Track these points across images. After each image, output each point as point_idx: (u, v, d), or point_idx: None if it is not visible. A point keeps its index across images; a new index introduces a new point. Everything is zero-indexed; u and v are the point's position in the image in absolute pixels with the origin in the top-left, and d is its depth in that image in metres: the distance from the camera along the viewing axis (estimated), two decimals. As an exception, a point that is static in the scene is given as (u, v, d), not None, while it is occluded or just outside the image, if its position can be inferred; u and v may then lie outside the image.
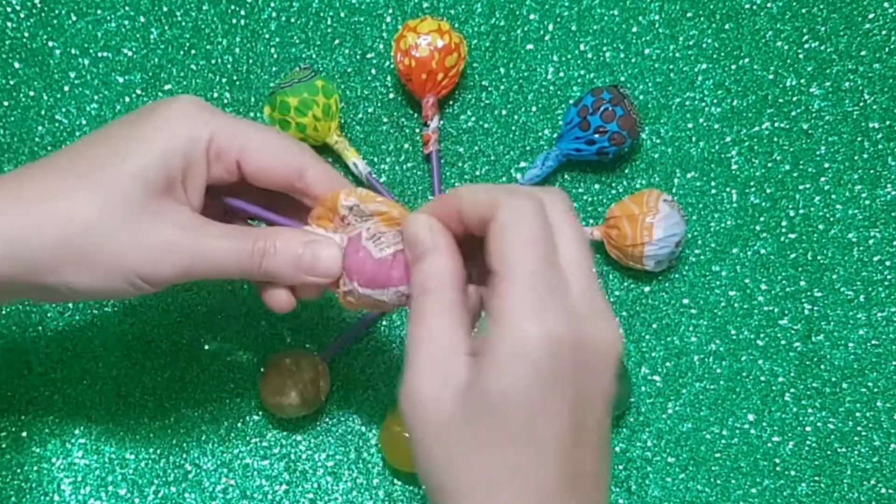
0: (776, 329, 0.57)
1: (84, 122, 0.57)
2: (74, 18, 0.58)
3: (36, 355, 0.55)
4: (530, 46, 0.59)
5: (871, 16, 0.60)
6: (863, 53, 0.60)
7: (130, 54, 0.58)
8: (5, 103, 0.57)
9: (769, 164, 0.58)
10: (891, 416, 0.56)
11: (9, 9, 0.58)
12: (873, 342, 0.57)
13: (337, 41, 0.59)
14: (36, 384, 0.55)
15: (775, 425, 0.56)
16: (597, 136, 0.54)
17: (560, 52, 0.59)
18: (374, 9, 0.59)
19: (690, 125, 0.59)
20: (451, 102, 0.58)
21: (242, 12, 0.59)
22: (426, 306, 0.37)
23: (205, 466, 0.54)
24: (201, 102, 0.41)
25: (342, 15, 0.59)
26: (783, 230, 0.58)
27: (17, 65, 0.58)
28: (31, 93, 0.57)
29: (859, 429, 0.56)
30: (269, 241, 0.41)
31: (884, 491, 0.55)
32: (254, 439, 0.55)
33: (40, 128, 0.57)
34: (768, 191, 0.58)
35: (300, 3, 0.59)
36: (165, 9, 0.59)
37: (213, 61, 0.58)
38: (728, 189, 0.58)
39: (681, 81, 0.59)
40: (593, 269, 0.37)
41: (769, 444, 0.56)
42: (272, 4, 0.59)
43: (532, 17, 0.59)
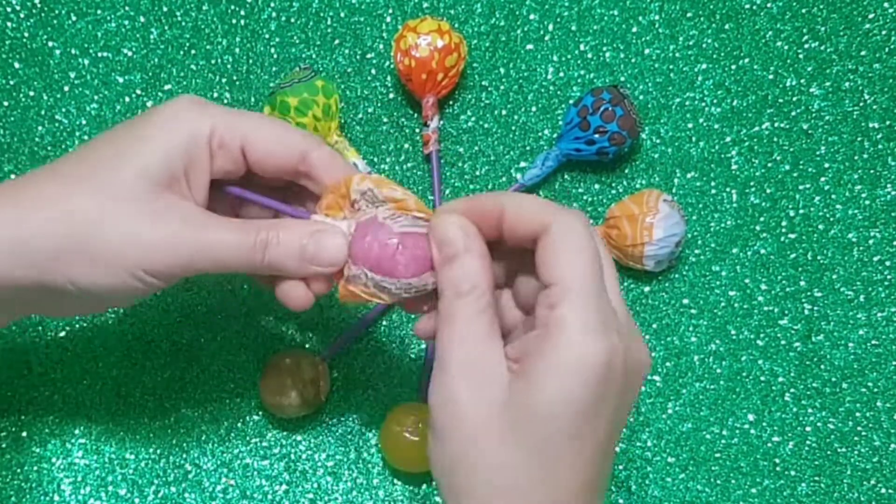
0: (776, 329, 0.57)
1: (84, 122, 0.57)
2: (74, 18, 0.58)
3: (36, 355, 0.55)
4: (530, 46, 0.59)
5: (871, 16, 0.60)
6: (863, 53, 0.60)
7: (130, 54, 0.58)
8: (5, 103, 0.57)
9: (769, 164, 0.58)
10: (891, 416, 0.56)
11: (9, 9, 0.58)
12: (873, 342, 0.57)
13: (337, 41, 0.59)
14: (36, 384, 0.55)
15: (775, 425, 0.56)
16: (597, 136, 0.54)
17: (560, 52, 0.59)
18: (374, 9, 0.59)
19: (690, 125, 0.59)
20: (451, 102, 0.58)
21: (242, 12, 0.59)
22: (460, 308, 0.37)
23: (205, 466, 0.54)
24: (201, 100, 0.42)
25: (342, 15, 0.59)
26: (783, 230, 0.58)
27: (17, 65, 0.58)
28: (31, 93, 0.57)
29: (859, 429, 0.56)
30: (272, 232, 0.40)
31: (884, 491, 0.55)
32: (254, 439, 0.55)
33: (40, 128, 0.57)
34: (768, 191, 0.58)
35: (300, 3, 0.59)
36: (165, 9, 0.59)
37: (213, 61, 0.58)
38: (728, 189, 0.58)
39: (681, 81, 0.59)
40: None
41: (769, 444, 0.56)
42: (272, 4, 0.59)
43: (532, 17, 0.59)
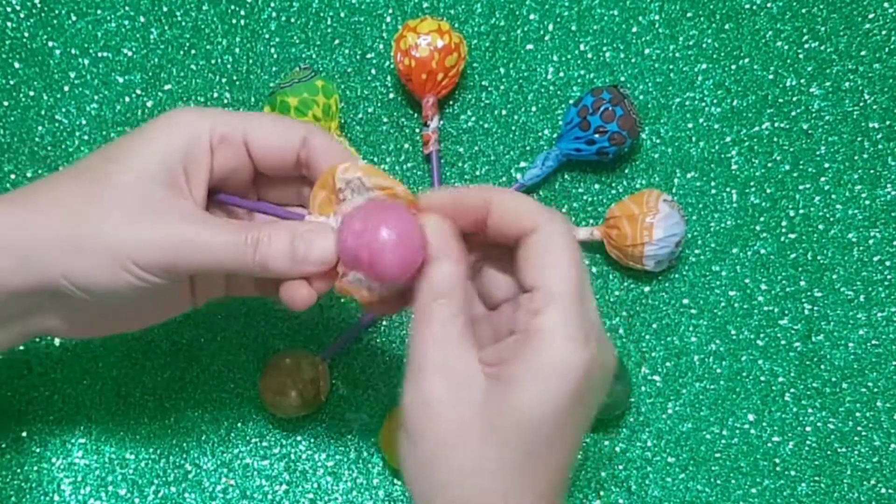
0: (776, 329, 0.57)
1: (84, 122, 0.57)
2: (74, 18, 0.58)
3: (36, 355, 0.55)
4: (530, 46, 0.59)
5: (871, 16, 0.60)
6: (863, 53, 0.60)
7: (130, 54, 0.58)
8: (5, 103, 0.57)
9: (769, 164, 0.58)
10: (891, 416, 0.56)
11: (9, 9, 0.58)
12: (873, 342, 0.57)
13: (337, 41, 0.59)
14: (36, 384, 0.55)
15: (775, 425, 0.56)
16: (597, 136, 0.54)
17: (560, 52, 0.59)
18: (374, 9, 0.59)
19: (690, 125, 0.59)
20: (451, 102, 0.58)
21: (242, 12, 0.59)
22: (437, 310, 0.37)
23: (205, 466, 0.54)
24: (202, 108, 0.42)
25: (342, 15, 0.59)
26: (783, 230, 0.58)
27: (17, 65, 0.58)
28: (31, 93, 0.57)
29: (859, 429, 0.56)
30: (263, 232, 0.40)
31: (884, 491, 0.55)
32: (254, 439, 0.55)
33: (40, 128, 0.57)
34: (768, 191, 0.58)
35: (300, 3, 0.59)
36: (165, 9, 0.59)
37: (213, 61, 0.58)
38: (728, 189, 0.58)
39: (681, 81, 0.59)
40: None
41: (769, 444, 0.56)
42: (272, 4, 0.59)
43: (532, 17, 0.59)
